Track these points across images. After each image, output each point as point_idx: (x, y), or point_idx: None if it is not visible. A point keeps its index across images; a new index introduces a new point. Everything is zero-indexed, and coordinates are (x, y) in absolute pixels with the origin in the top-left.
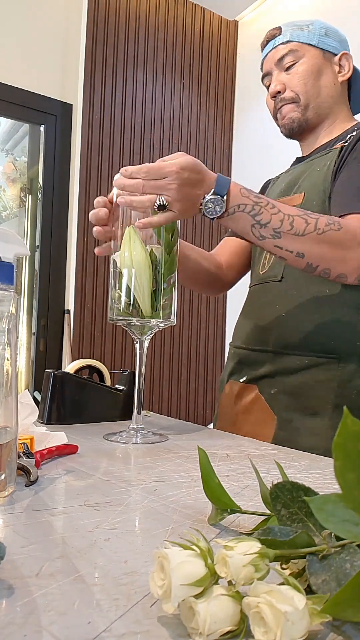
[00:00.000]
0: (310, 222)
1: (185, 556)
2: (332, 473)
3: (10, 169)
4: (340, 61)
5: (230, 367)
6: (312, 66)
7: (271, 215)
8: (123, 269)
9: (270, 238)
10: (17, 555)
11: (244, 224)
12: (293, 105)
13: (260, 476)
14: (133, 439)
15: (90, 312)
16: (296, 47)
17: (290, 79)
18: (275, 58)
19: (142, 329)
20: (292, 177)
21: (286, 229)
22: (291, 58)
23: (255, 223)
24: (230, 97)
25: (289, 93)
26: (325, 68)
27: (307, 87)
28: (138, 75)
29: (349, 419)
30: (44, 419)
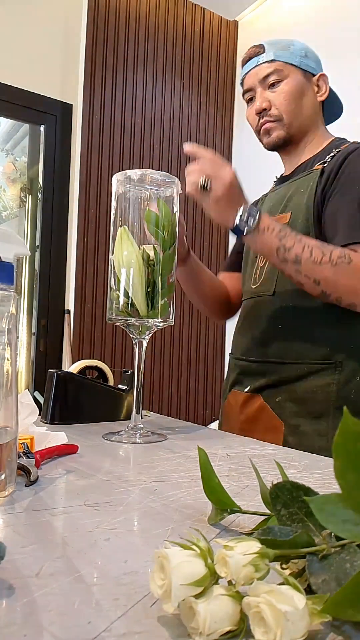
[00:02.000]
0: (325, 253)
1: (185, 556)
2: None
3: (10, 169)
4: (318, 82)
5: (233, 377)
6: (296, 86)
7: (295, 242)
8: (117, 269)
9: (292, 263)
10: (17, 555)
11: (270, 244)
12: (277, 123)
13: (260, 476)
14: (132, 438)
15: (90, 312)
16: (280, 66)
17: (276, 97)
18: (260, 76)
19: (140, 328)
20: (278, 197)
21: (306, 256)
22: (276, 77)
23: (280, 246)
24: (230, 97)
25: (274, 111)
26: (307, 88)
27: (291, 107)
28: (138, 75)
29: (349, 419)
30: (47, 419)
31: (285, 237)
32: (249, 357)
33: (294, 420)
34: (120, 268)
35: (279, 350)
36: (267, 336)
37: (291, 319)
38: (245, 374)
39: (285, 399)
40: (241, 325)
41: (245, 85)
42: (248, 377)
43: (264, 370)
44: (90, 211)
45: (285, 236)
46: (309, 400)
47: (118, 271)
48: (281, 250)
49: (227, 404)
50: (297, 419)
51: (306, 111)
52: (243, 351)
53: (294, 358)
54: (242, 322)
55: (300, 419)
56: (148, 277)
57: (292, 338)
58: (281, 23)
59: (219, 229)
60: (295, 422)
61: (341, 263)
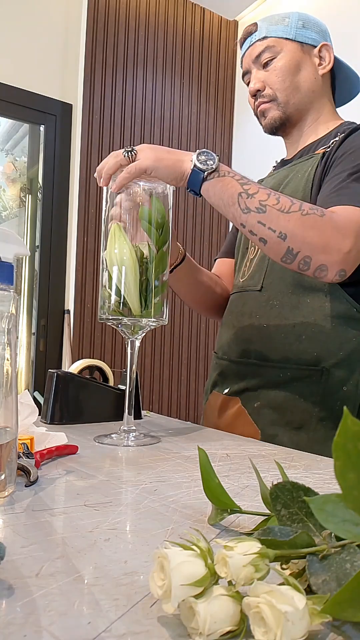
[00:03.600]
0: (295, 202)
1: (185, 556)
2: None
3: (10, 169)
4: (320, 53)
5: (213, 378)
6: (290, 61)
7: (258, 189)
8: (109, 267)
9: (255, 212)
10: (17, 555)
11: (231, 190)
12: (272, 103)
13: (260, 476)
14: (124, 441)
15: (90, 312)
16: (273, 42)
17: (268, 76)
18: (253, 55)
19: (133, 328)
20: (276, 181)
21: (272, 202)
22: (268, 54)
23: (242, 192)
24: (230, 96)
25: (268, 90)
26: (305, 62)
27: (286, 84)
28: (138, 75)
29: (349, 419)
30: (47, 419)
31: (248, 183)
32: (230, 357)
33: (271, 429)
34: (112, 266)
35: (261, 351)
36: (249, 334)
37: (277, 318)
38: (226, 375)
39: (263, 405)
40: (225, 321)
41: (243, 67)
42: (228, 379)
43: (244, 372)
44: (90, 211)
45: (248, 182)
46: (289, 408)
47: (110, 269)
48: (244, 196)
49: (207, 405)
50: (275, 427)
51: (305, 87)
52: (224, 349)
53: (277, 361)
54: (226, 318)
55: (278, 427)
56: (141, 275)
57: (276, 339)
58: None
59: (219, 230)
60: (272, 431)
61: (313, 214)
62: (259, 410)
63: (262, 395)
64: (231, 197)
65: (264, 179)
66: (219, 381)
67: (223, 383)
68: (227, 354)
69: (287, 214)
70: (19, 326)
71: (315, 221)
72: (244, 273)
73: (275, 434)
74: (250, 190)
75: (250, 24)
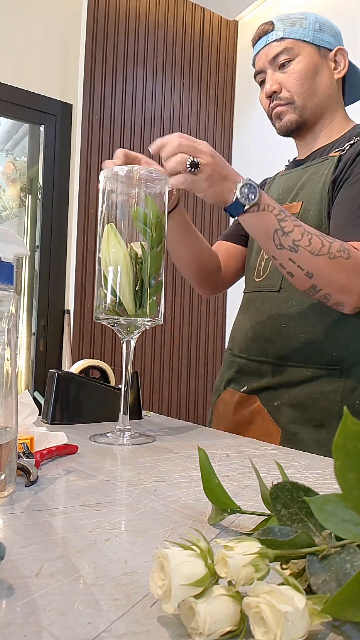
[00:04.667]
0: (325, 244)
1: (185, 556)
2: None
3: (10, 169)
4: (336, 57)
5: (229, 375)
6: (308, 65)
7: (294, 226)
8: (104, 268)
9: (288, 250)
10: (17, 555)
11: (268, 226)
12: (289, 106)
13: (260, 476)
14: (120, 440)
15: (90, 312)
16: (291, 44)
17: (286, 78)
18: (269, 56)
19: (128, 328)
20: (290, 182)
21: (305, 244)
22: (286, 56)
23: (279, 229)
24: (230, 96)
25: (285, 93)
26: (322, 66)
27: (304, 88)
28: (138, 75)
29: (349, 419)
30: (47, 419)
31: (285, 219)
32: (248, 355)
33: (292, 427)
34: (108, 266)
35: (280, 351)
36: (269, 335)
37: (296, 319)
38: (243, 373)
39: (284, 403)
40: (241, 320)
41: (256, 66)
42: (245, 377)
43: (264, 370)
44: (90, 211)
45: (285, 219)
46: (309, 407)
47: (105, 269)
48: (279, 233)
49: (220, 401)
50: (296, 426)
51: (321, 91)
52: (241, 348)
53: (297, 361)
54: (243, 317)
55: (299, 426)
56: (136, 276)
57: (296, 339)
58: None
59: (219, 228)
60: (293, 429)
61: (339, 257)
62: (279, 409)
63: (282, 394)
64: (267, 232)
65: (274, 178)
66: (235, 378)
67: (240, 381)
68: (245, 352)
69: (316, 256)
70: (19, 326)
71: (341, 264)
72: (259, 272)
73: (297, 432)
74: (286, 228)
75: (266, 23)
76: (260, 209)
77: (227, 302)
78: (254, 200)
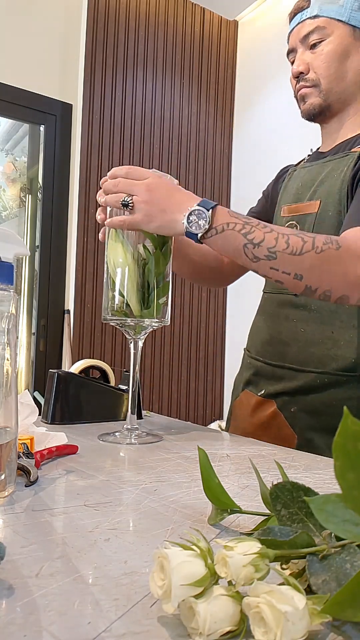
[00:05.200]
0: (307, 240)
1: (185, 556)
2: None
3: (10, 169)
4: None
5: (247, 377)
6: (339, 46)
7: (264, 234)
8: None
9: (265, 259)
10: (17, 555)
11: (235, 243)
12: (314, 89)
13: (260, 476)
14: (127, 439)
15: (90, 312)
16: (324, 23)
17: (314, 59)
18: (301, 34)
19: (135, 329)
20: (310, 176)
21: (282, 247)
22: (317, 36)
23: (247, 242)
24: (230, 96)
25: (312, 75)
26: (354, 49)
27: (331, 71)
28: (138, 75)
29: (349, 419)
30: (47, 419)
31: (252, 231)
32: (266, 359)
33: (308, 433)
34: (116, 268)
35: (298, 356)
36: (286, 339)
37: (315, 324)
38: (260, 376)
39: (300, 409)
40: (259, 321)
41: (289, 44)
42: (263, 380)
43: (281, 375)
44: (90, 211)
45: (252, 230)
46: (325, 413)
47: (112, 271)
48: (249, 247)
49: (238, 402)
50: (311, 432)
51: (350, 76)
52: (259, 351)
53: (314, 366)
54: (260, 318)
55: (314, 432)
56: (142, 277)
57: (314, 344)
58: (281, 23)
59: None
60: (308, 435)
61: (328, 249)
62: (295, 415)
63: (298, 400)
64: (236, 250)
65: (295, 168)
66: (253, 381)
67: (257, 384)
68: (262, 355)
69: (300, 255)
70: (19, 326)
71: (331, 255)
72: None
73: (312, 439)
74: (255, 240)
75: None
76: (218, 231)
77: (227, 302)
78: (206, 226)
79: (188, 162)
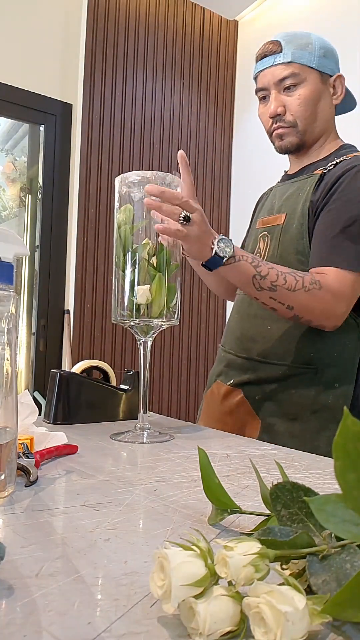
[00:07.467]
0: (298, 279)
1: (185, 556)
2: (332, 473)
3: (10, 169)
4: (335, 83)
5: (219, 369)
6: (313, 92)
7: (268, 270)
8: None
9: (267, 290)
10: (17, 555)
11: (246, 273)
12: (291, 129)
13: (261, 476)
14: (139, 438)
15: (90, 312)
16: (298, 69)
17: (291, 102)
18: (276, 77)
19: (145, 329)
20: (280, 193)
21: (281, 283)
22: (293, 80)
23: (256, 274)
24: (230, 97)
25: (289, 117)
26: (324, 92)
27: (307, 113)
28: (138, 75)
29: (349, 419)
30: (49, 419)
31: (259, 265)
32: (236, 352)
33: (270, 419)
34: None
35: (263, 350)
36: (254, 334)
37: (279, 322)
38: (231, 367)
39: (264, 397)
40: (233, 319)
41: (259, 83)
42: (233, 371)
43: (248, 366)
44: (90, 211)
45: (259, 264)
46: (286, 401)
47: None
48: (257, 278)
49: (210, 392)
50: (273, 418)
51: (321, 116)
52: (231, 345)
53: (277, 359)
54: (234, 316)
55: (276, 418)
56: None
57: (277, 340)
58: (281, 23)
59: (220, 226)
60: (271, 420)
61: (313, 289)
62: (259, 402)
63: (262, 389)
64: (247, 278)
65: (272, 189)
66: (224, 372)
67: (227, 374)
68: (233, 349)
69: (293, 291)
70: (19, 326)
71: (315, 295)
72: None
73: (274, 424)
74: (262, 272)
75: (273, 42)
76: (237, 260)
77: (227, 303)
78: (229, 254)
79: (188, 162)
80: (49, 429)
